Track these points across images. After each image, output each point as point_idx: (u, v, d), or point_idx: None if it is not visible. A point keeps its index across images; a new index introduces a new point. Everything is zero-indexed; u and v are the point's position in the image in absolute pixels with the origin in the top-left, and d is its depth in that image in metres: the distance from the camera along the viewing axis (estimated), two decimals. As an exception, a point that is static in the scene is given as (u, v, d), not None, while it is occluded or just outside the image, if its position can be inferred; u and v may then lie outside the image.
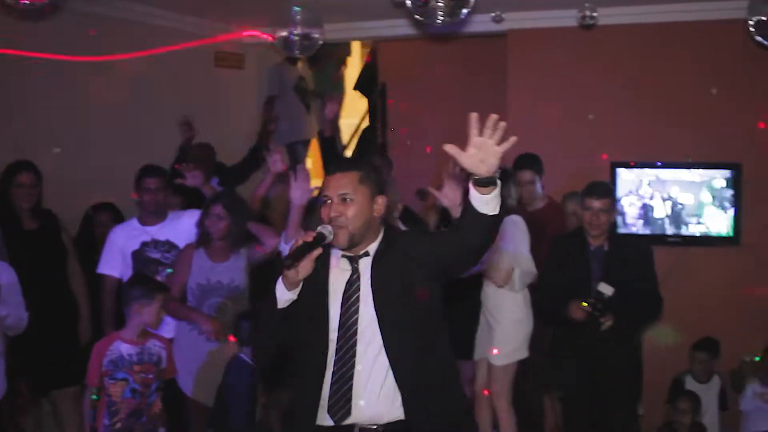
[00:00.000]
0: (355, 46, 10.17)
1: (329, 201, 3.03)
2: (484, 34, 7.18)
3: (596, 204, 4.96)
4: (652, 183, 6.58)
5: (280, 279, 2.97)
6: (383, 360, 2.97)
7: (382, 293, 2.99)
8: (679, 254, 6.44)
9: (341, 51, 9.63)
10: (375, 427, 2.98)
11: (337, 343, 3.00)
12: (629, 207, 6.63)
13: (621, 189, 6.59)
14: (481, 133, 2.63)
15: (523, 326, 5.36)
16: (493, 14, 6.59)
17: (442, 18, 5.22)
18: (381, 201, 3.08)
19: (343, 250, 3.05)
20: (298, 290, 2.98)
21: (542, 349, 5.39)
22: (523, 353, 5.38)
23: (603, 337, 4.86)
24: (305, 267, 2.91)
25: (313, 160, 9.25)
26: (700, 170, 6.48)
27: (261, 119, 7.93)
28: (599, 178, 5.62)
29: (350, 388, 2.97)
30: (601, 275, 4.93)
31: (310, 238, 2.90)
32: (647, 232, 6.58)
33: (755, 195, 6.37)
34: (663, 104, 6.61)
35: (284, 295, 2.97)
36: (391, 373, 2.97)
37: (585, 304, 4.84)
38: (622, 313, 4.85)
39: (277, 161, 5.02)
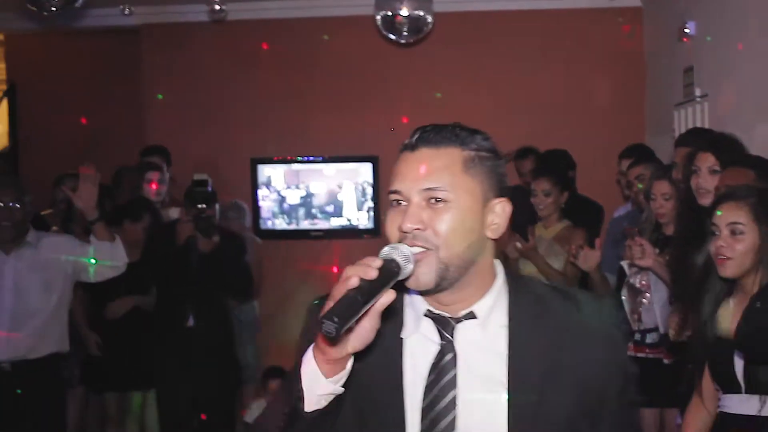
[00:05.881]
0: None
1: (403, 202, 1.63)
2: (116, 28, 6.82)
3: None
4: (292, 177, 6.57)
5: (308, 356, 1.55)
6: None
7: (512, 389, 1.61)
8: (322, 248, 6.49)
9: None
10: None
11: None
12: (265, 202, 6.56)
13: (261, 184, 6.55)
14: None
15: None
16: (121, 7, 6.21)
17: (54, 7, 4.81)
18: (500, 209, 1.65)
19: (425, 296, 1.65)
20: (344, 376, 1.56)
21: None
22: None
23: None
24: (364, 333, 1.50)
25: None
26: (340, 164, 6.57)
27: None
28: (241, 174, 5.41)
29: None
30: None
31: (373, 272, 1.47)
32: (288, 227, 6.57)
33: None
34: (302, 100, 6.60)
35: (321, 387, 1.54)
36: None
37: None
38: None
39: None
